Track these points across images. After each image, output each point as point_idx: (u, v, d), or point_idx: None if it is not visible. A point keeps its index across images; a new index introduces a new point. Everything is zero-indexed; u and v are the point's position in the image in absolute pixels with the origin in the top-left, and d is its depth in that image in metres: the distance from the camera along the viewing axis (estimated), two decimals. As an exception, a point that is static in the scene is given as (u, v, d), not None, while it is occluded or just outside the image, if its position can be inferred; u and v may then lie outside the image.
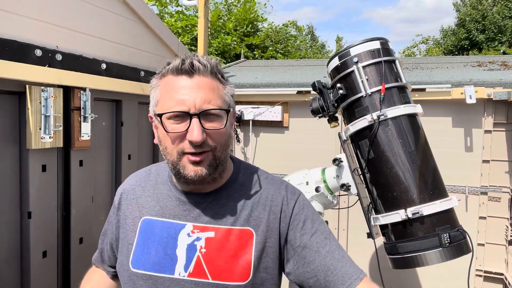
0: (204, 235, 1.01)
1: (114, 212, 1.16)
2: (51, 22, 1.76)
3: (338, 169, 1.71)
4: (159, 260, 1.01)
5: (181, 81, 0.95)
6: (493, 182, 2.55)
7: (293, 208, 1.07)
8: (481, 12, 16.71)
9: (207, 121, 0.95)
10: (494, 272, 2.55)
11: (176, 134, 0.94)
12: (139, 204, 1.10)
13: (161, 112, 0.95)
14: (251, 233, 1.02)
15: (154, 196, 1.10)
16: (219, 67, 1.01)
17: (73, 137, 1.88)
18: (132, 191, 1.14)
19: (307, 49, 18.84)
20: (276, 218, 1.04)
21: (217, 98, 0.97)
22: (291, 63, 4.30)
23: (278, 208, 1.06)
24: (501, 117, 2.52)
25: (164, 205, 1.07)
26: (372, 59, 1.58)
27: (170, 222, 1.04)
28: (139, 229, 1.06)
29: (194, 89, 0.94)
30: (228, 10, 11.59)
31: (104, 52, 2.06)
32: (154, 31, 2.43)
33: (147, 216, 1.07)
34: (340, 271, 1.01)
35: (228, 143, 1.01)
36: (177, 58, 0.99)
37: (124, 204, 1.13)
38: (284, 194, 1.08)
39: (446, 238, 1.42)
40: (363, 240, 1.78)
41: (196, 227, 1.02)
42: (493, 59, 3.34)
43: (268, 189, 1.09)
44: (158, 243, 1.03)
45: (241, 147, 3.23)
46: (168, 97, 0.96)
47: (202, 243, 1.00)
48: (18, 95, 1.68)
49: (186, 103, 0.93)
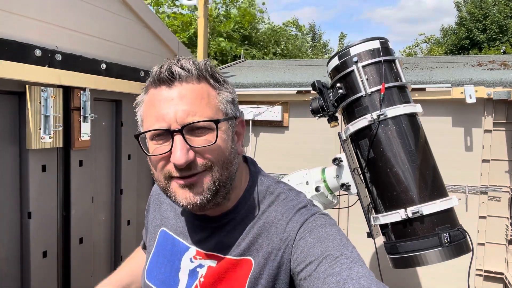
0: (207, 263, 0.90)
1: (145, 215, 1.12)
2: (51, 22, 1.76)
3: (338, 169, 1.71)
4: (166, 278, 0.94)
5: (161, 93, 0.80)
6: (493, 182, 2.55)
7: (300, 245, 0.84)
8: (483, 10, 16.69)
9: (195, 136, 0.78)
10: (494, 271, 2.55)
11: (158, 157, 0.79)
12: (161, 212, 1.02)
13: (139, 133, 0.83)
14: (250, 263, 0.87)
15: (172, 206, 1.01)
16: (210, 70, 0.84)
17: (73, 137, 1.88)
18: (157, 196, 1.06)
19: (307, 49, 18.83)
20: (280, 254, 0.85)
21: (206, 107, 0.79)
22: (291, 63, 4.30)
23: (285, 242, 0.86)
24: (501, 116, 2.52)
25: (179, 219, 0.98)
26: (372, 59, 1.58)
27: (178, 241, 0.96)
28: (157, 240, 1.00)
29: (174, 100, 0.78)
30: (227, 11, 11.57)
31: (104, 52, 2.07)
32: (154, 31, 2.43)
33: (165, 228, 1.00)
34: None
35: (229, 160, 0.83)
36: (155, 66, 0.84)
37: (151, 208, 1.08)
38: (296, 227, 0.86)
39: (446, 238, 1.42)
40: (363, 240, 1.78)
41: (199, 253, 0.92)
42: (493, 58, 3.34)
43: (282, 215, 0.89)
44: (168, 260, 0.96)
45: (241, 147, 3.23)
46: (149, 113, 0.81)
47: (204, 271, 0.90)
48: (18, 95, 1.68)
49: (166, 119, 0.77)
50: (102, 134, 2.17)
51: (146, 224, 1.12)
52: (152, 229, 1.03)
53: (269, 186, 0.96)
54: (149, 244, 1.03)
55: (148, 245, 1.04)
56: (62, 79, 1.75)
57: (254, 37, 11.26)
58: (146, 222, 1.11)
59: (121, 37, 2.19)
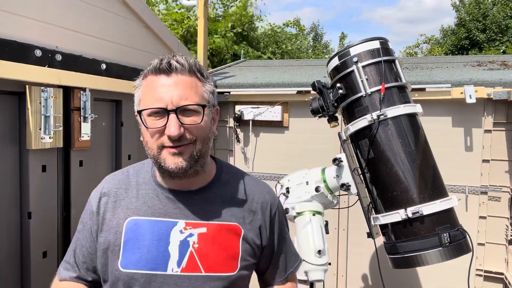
0: (197, 231, 1.06)
1: (92, 218, 1.12)
2: (51, 22, 1.76)
3: (338, 169, 1.71)
4: (152, 258, 1.04)
5: (160, 79, 1.01)
6: (493, 182, 2.55)
7: (276, 214, 1.20)
8: (483, 10, 16.67)
9: (185, 116, 1.00)
10: (494, 271, 2.55)
11: (155, 129, 0.99)
12: (122, 206, 1.10)
13: (142, 109, 1.02)
14: (239, 229, 1.10)
15: (139, 197, 1.11)
16: (198, 66, 1.05)
17: (73, 137, 1.88)
18: (114, 194, 1.13)
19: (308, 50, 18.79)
20: (259, 219, 1.15)
21: (195, 94, 1.01)
22: (291, 63, 4.30)
23: (263, 211, 1.16)
24: (501, 116, 2.52)
25: (152, 205, 1.09)
26: (372, 59, 1.58)
27: (161, 221, 1.07)
28: (125, 231, 1.07)
29: (171, 86, 1.00)
30: (225, 10, 11.55)
31: (104, 52, 2.06)
32: (153, 31, 2.43)
33: (134, 217, 1.08)
34: (285, 269, 1.24)
35: (208, 137, 1.06)
36: (155, 59, 1.04)
37: (104, 207, 1.11)
38: (268, 199, 1.19)
39: (446, 238, 1.42)
40: (363, 240, 1.78)
41: (189, 224, 1.07)
42: (493, 58, 3.34)
43: (254, 191, 1.18)
44: (149, 241, 1.05)
45: (241, 147, 3.23)
46: (148, 95, 1.01)
47: (195, 238, 1.06)
48: (18, 95, 1.68)
49: (164, 100, 0.98)
50: (102, 134, 2.17)
51: (96, 228, 1.11)
52: (115, 225, 1.08)
53: (232, 167, 1.24)
54: (115, 239, 1.06)
55: (113, 241, 1.07)
56: (62, 79, 1.75)
57: (251, 36, 11.23)
58: (97, 226, 1.10)
59: (121, 37, 2.19)
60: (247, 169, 3.21)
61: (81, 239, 1.14)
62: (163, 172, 1.05)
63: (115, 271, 1.05)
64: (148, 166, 1.17)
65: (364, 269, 2.92)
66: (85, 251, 1.13)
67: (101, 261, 1.09)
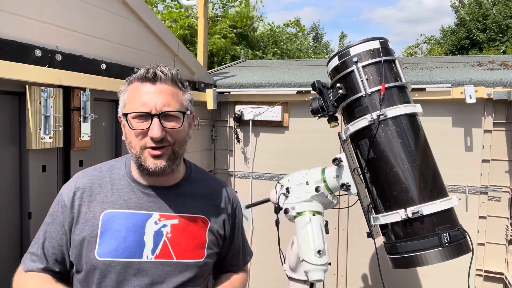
0: (170, 222, 1.19)
1: (65, 212, 1.18)
2: (51, 22, 1.76)
3: (338, 169, 1.71)
4: (128, 246, 1.14)
5: (145, 87, 1.13)
6: (493, 182, 2.55)
7: (235, 208, 1.37)
8: (483, 10, 16.65)
9: (167, 121, 1.12)
10: (494, 271, 2.55)
11: (139, 131, 1.11)
12: (98, 200, 1.18)
13: (127, 112, 1.12)
14: (206, 221, 1.25)
15: (114, 191, 1.20)
16: (179, 77, 1.18)
17: (73, 137, 1.88)
18: (89, 189, 1.20)
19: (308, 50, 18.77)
20: (223, 212, 1.31)
21: (176, 102, 1.14)
22: (291, 63, 4.30)
23: (226, 206, 1.33)
24: (501, 116, 2.52)
25: (127, 198, 1.19)
26: (372, 59, 1.58)
27: (137, 213, 1.18)
28: (101, 223, 1.16)
29: (156, 94, 1.12)
30: (224, 11, 11.53)
31: (104, 52, 2.06)
32: (154, 31, 2.43)
33: (110, 210, 1.17)
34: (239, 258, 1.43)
35: (185, 141, 1.19)
36: (142, 68, 1.16)
37: (78, 201, 1.18)
38: (231, 196, 1.37)
39: (446, 238, 1.42)
40: (363, 240, 1.78)
41: (163, 216, 1.19)
42: (493, 58, 3.34)
43: (218, 189, 1.34)
44: (125, 232, 1.15)
45: (241, 147, 3.23)
46: (134, 100, 1.13)
47: (168, 229, 1.18)
48: (18, 95, 1.68)
49: (149, 105, 1.10)
50: (102, 134, 2.17)
51: (70, 221, 1.17)
52: (91, 217, 1.16)
53: (198, 168, 1.38)
54: (91, 230, 1.15)
55: (89, 232, 1.15)
56: (62, 79, 1.75)
57: (251, 37, 11.22)
58: (70, 219, 1.17)
59: (121, 37, 2.19)
60: (247, 169, 3.21)
61: (51, 231, 1.21)
62: (142, 170, 1.16)
63: (91, 260, 1.13)
64: (122, 164, 1.27)
65: (364, 269, 2.92)
66: (55, 243, 1.20)
67: (75, 252, 1.16)
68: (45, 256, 1.20)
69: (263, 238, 3.09)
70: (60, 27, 1.80)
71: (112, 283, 1.13)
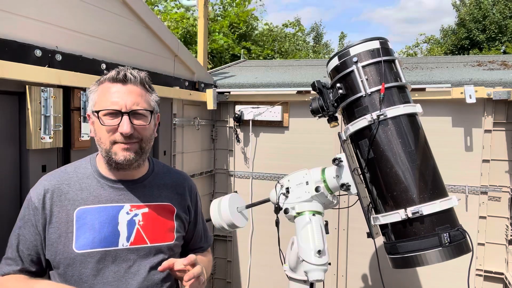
0: (141, 211, 1.30)
1: (37, 214, 1.24)
2: (51, 22, 1.76)
3: (338, 169, 1.71)
4: (104, 237, 1.23)
5: (116, 87, 1.23)
6: (493, 182, 2.55)
7: (196, 195, 1.52)
8: (483, 11, 16.66)
9: (135, 119, 1.22)
10: (494, 271, 2.55)
11: (110, 127, 1.20)
12: (68, 199, 1.25)
13: (98, 109, 1.21)
14: (172, 207, 1.38)
15: (84, 189, 1.28)
16: (147, 79, 1.29)
17: (73, 137, 1.88)
18: (58, 190, 1.27)
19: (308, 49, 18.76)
20: (186, 200, 1.45)
21: (144, 102, 1.25)
22: (291, 63, 4.30)
23: (189, 193, 1.47)
24: (501, 116, 2.52)
25: (98, 194, 1.27)
26: (372, 59, 1.58)
27: (109, 206, 1.27)
28: (75, 219, 1.23)
29: (126, 93, 1.22)
30: (224, 10, 11.53)
31: (104, 52, 2.06)
32: (154, 31, 2.43)
33: (82, 206, 1.25)
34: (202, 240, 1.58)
35: (151, 138, 1.30)
36: (112, 70, 1.25)
37: (49, 202, 1.25)
38: (191, 185, 1.50)
39: (446, 238, 1.42)
40: (363, 240, 1.78)
41: (133, 206, 1.30)
42: (492, 58, 3.34)
43: (179, 178, 1.47)
44: (100, 224, 1.23)
45: (241, 147, 3.23)
46: (105, 99, 1.22)
47: (140, 217, 1.29)
48: (18, 95, 1.68)
49: (119, 104, 1.20)
50: (102, 134, 2.16)
51: (43, 222, 1.24)
52: (64, 216, 1.23)
53: (159, 162, 1.50)
54: (66, 227, 1.22)
55: (64, 229, 1.22)
56: (62, 79, 1.75)
57: (250, 36, 11.23)
58: (43, 219, 1.24)
59: (121, 37, 2.19)
60: (247, 169, 3.21)
61: (24, 234, 1.26)
62: (111, 164, 1.25)
63: (69, 254, 1.20)
64: (86, 163, 1.36)
65: (364, 269, 2.92)
66: (29, 244, 1.25)
67: (51, 250, 1.22)
68: (21, 258, 1.25)
69: (263, 238, 3.10)
70: (60, 27, 1.80)
71: (92, 271, 1.21)
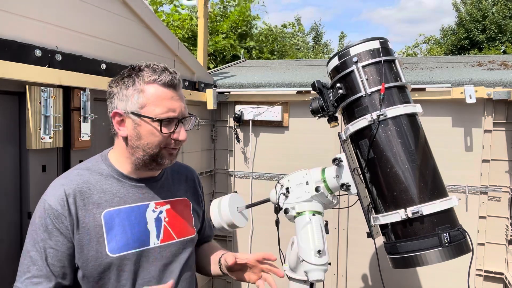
0: (164, 208, 1.34)
1: (62, 221, 1.16)
2: (51, 22, 1.76)
3: (338, 169, 1.71)
4: (137, 238, 1.23)
5: (171, 93, 1.22)
6: (493, 182, 2.55)
7: (200, 185, 1.57)
8: (482, 11, 16.67)
9: (184, 124, 1.26)
10: (494, 271, 2.55)
11: (167, 134, 1.21)
12: (92, 202, 1.21)
13: (154, 116, 1.18)
14: (188, 201, 1.44)
15: (106, 191, 1.25)
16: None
17: (73, 137, 1.88)
18: (79, 193, 1.20)
19: (308, 49, 18.77)
20: (198, 191, 1.53)
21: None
22: (291, 63, 4.30)
23: (198, 184, 1.55)
24: (501, 116, 2.52)
25: (122, 195, 1.26)
26: (372, 59, 1.58)
27: (136, 206, 1.27)
28: (104, 222, 1.20)
29: (179, 100, 1.24)
30: (224, 11, 11.54)
31: (104, 52, 2.06)
32: (154, 31, 2.43)
33: (108, 209, 1.22)
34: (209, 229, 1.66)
35: None
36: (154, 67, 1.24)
37: (73, 207, 1.18)
38: (196, 176, 1.57)
39: (446, 238, 1.42)
40: (363, 240, 1.78)
41: (157, 204, 1.32)
42: (492, 58, 3.34)
43: (186, 172, 1.53)
44: (131, 225, 1.23)
45: (241, 147, 3.23)
46: (161, 104, 1.19)
47: (165, 214, 1.33)
48: (18, 95, 1.68)
49: (177, 111, 1.21)
50: (102, 134, 2.16)
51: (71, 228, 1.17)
52: (91, 220, 1.19)
53: None
54: (95, 231, 1.18)
55: (94, 233, 1.18)
56: (62, 79, 1.75)
57: (250, 35, 11.24)
58: (71, 226, 1.17)
59: (121, 37, 2.19)
60: (247, 169, 3.21)
61: (52, 246, 1.16)
62: (148, 165, 1.26)
63: (104, 259, 1.17)
64: (99, 163, 1.31)
65: (364, 269, 2.92)
66: (61, 255, 1.16)
67: (81, 258, 1.17)
68: (52, 272, 1.15)
69: (263, 238, 3.10)
70: (60, 27, 1.80)
71: (130, 274, 1.21)
